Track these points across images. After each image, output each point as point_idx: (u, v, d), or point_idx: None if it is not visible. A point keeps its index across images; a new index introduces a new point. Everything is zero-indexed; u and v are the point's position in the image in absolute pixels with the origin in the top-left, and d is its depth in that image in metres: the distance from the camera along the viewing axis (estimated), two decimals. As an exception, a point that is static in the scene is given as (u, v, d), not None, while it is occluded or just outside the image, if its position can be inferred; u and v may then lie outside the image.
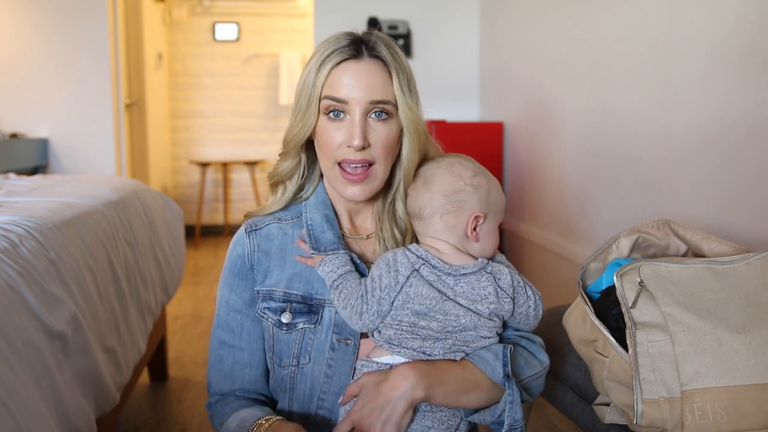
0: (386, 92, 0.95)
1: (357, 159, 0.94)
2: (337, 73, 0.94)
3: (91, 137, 3.76)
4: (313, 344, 0.98)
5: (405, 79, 0.97)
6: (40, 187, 1.92)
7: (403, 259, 0.92)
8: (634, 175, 2.14)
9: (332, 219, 1.03)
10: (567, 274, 2.64)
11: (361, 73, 0.94)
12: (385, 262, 0.92)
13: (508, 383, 0.91)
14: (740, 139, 1.62)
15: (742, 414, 0.92)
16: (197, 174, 5.47)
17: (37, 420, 0.97)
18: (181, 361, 2.64)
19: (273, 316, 0.99)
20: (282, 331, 0.99)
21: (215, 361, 1.05)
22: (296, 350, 0.98)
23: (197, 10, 5.38)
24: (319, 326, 0.98)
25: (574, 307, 1.25)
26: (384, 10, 3.63)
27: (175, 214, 2.45)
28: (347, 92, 0.93)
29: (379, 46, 0.96)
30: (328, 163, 0.97)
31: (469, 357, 0.93)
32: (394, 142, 0.97)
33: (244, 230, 1.03)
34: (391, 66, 0.95)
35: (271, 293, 1.00)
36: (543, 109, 2.91)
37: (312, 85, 0.95)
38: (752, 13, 1.58)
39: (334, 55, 0.94)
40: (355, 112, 0.93)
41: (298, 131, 0.98)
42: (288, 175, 1.05)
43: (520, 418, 0.90)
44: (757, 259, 1.05)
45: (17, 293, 1.08)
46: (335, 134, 0.95)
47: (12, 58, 3.66)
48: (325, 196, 1.05)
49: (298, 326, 0.98)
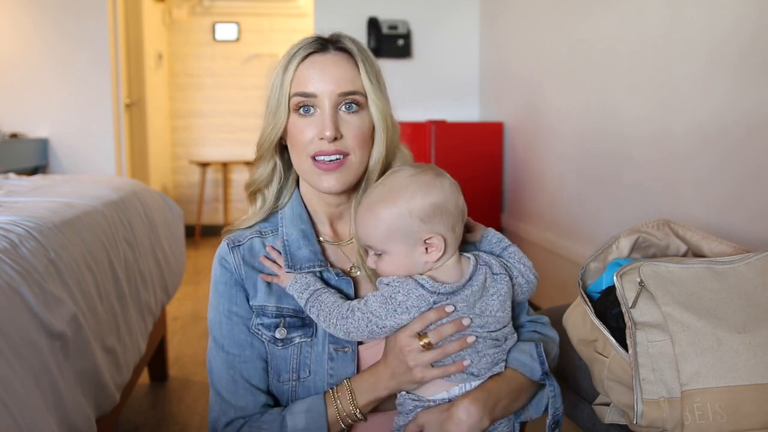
0: (354, 83, 0.95)
1: (330, 150, 0.93)
2: (303, 68, 0.95)
3: (91, 137, 3.76)
4: (312, 357, 0.97)
5: (372, 70, 0.97)
6: (40, 187, 1.92)
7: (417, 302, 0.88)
8: (634, 176, 2.14)
9: (309, 233, 1.01)
10: (567, 274, 2.64)
11: (328, 65, 0.94)
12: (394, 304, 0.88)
13: (548, 380, 0.95)
14: (740, 139, 1.62)
15: (742, 414, 0.92)
16: (197, 174, 5.47)
17: (36, 420, 0.97)
18: (181, 361, 2.64)
19: (267, 332, 0.97)
20: (278, 347, 0.97)
21: (228, 384, 0.97)
22: (294, 365, 0.97)
23: (197, 10, 5.38)
24: (315, 338, 0.97)
25: (574, 307, 1.25)
26: (384, 10, 3.63)
27: (175, 214, 2.45)
28: (315, 86, 0.94)
29: (344, 40, 0.97)
30: (302, 159, 0.96)
31: (507, 362, 0.95)
32: (367, 133, 0.97)
33: (227, 245, 1.00)
34: (357, 57, 0.96)
35: (263, 309, 0.98)
36: (543, 109, 2.91)
37: (280, 85, 0.96)
38: (752, 13, 1.58)
39: (300, 51, 0.95)
40: (325, 105, 0.94)
41: (269, 132, 0.98)
42: (265, 181, 1.03)
43: (560, 405, 0.96)
44: (757, 259, 1.05)
45: (17, 293, 1.08)
46: (307, 130, 0.95)
47: (12, 58, 3.66)
48: (301, 208, 1.03)
49: (294, 341, 0.97)
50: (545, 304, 2.90)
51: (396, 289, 0.88)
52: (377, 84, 0.97)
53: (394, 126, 1.00)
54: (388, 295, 0.89)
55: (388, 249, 0.90)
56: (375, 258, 0.92)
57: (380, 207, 0.89)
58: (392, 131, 0.99)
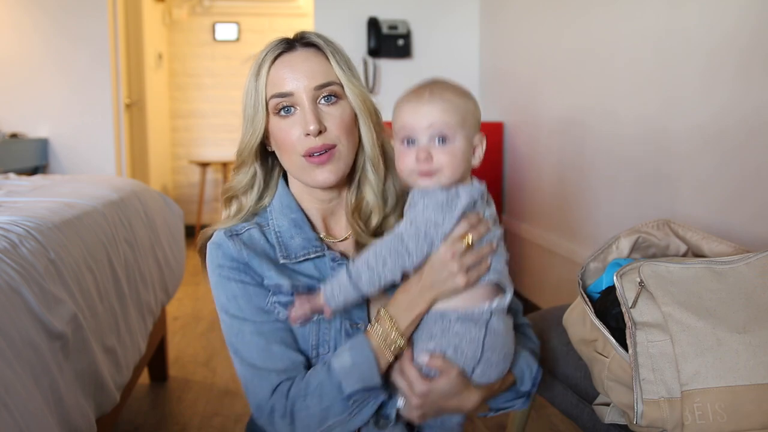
0: (328, 74, 0.96)
1: (318, 145, 0.94)
2: (275, 70, 0.95)
3: (91, 137, 3.76)
4: (331, 333, 0.97)
5: (342, 59, 0.98)
6: (40, 187, 1.92)
7: (466, 199, 0.90)
8: (634, 176, 2.14)
9: (300, 221, 1.01)
10: (567, 274, 2.64)
11: (298, 61, 0.95)
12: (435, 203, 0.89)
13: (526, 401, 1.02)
14: (740, 140, 1.62)
15: (742, 414, 0.92)
16: (197, 174, 5.47)
17: (37, 420, 0.97)
18: (181, 361, 2.64)
19: (284, 310, 0.96)
20: (296, 324, 0.96)
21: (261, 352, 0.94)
22: (314, 341, 0.97)
23: (197, 10, 5.38)
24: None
25: (574, 307, 1.25)
26: (384, 10, 3.63)
27: (175, 214, 2.45)
28: (290, 84, 0.94)
29: (310, 35, 0.98)
30: (293, 159, 0.97)
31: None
32: (349, 121, 0.97)
33: (224, 234, 0.99)
34: (325, 49, 0.97)
35: (279, 287, 0.96)
36: (543, 109, 2.91)
37: (254, 91, 0.96)
38: (752, 13, 1.58)
39: (268, 55, 0.96)
40: (303, 102, 0.94)
41: (249, 138, 0.98)
42: (244, 188, 1.03)
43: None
44: (757, 259, 1.05)
45: (17, 293, 1.08)
46: (291, 130, 0.95)
47: (12, 58, 3.66)
48: (289, 198, 1.03)
49: (313, 317, 0.96)
50: (545, 304, 2.90)
51: (443, 194, 0.89)
52: (350, 71, 0.98)
53: (375, 110, 1.02)
54: (440, 199, 0.89)
55: (457, 137, 0.89)
56: (434, 148, 0.88)
57: (456, 95, 0.90)
58: (375, 117, 1.01)
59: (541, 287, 2.96)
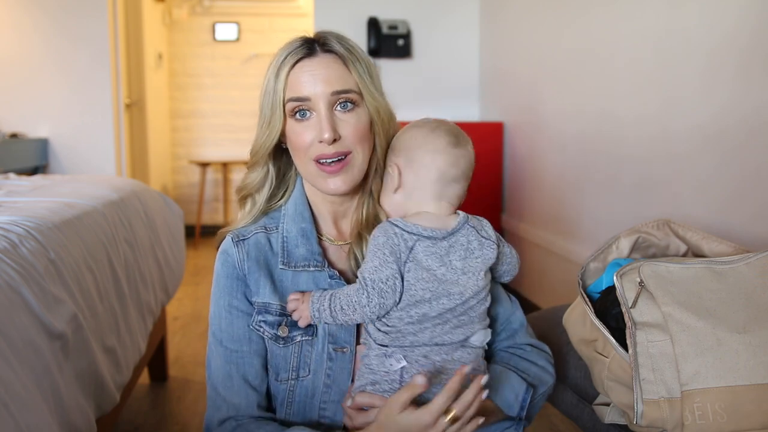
0: (346, 82, 0.95)
1: (331, 153, 0.94)
2: (295, 74, 0.95)
3: (91, 137, 3.75)
4: (312, 356, 0.97)
5: (363, 66, 0.97)
6: (40, 187, 1.92)
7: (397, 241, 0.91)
8: (634, 176, 2.14)
9: (309, 232, 1.01)
10: (567, 274, 2.64)
11: (318, 67, 0.95)
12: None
13: (517, 425, 0.98)
14: (740, 140, 1.62)
15: (742, 414, 0.93)
16: (197, 174, 5.47)
17: (37, 420, 0.97)
18: (181, 361, 2.64)
19: (269, 330, 0.97)
20: (279, 345, 0.97)
21: (224, 379, 0.98)
22: (294, 363, 0.97)
23: (197, 10, 5.38)
24: (316, 338, 0.97)
25: (574, 307, 1.25)
26: (384, 10, 3.63)
27: (175, 214, 2.45)
28: (308, 89, 0.94)
29: (331, 41, 0.97)
30: (305, 162, 0.97)
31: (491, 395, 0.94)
32: (365, 129, 0.97)
33: (231, 240, 1.00)
34: (345, 57, 0.96)
35: (266, 306, 0.98)
36: (543, 109, 2.91)
37: (273, 92, 0.96)
38: (752, 13, 1.58)
39: (288, 58, 0.96)
40: (320, 108, 0.94)
41: (264, 139, 0.98)
42: (257, 187, 1.04)
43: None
44: (757, 259, 1.05)
45: (17, 293, 1.08)
46: (305, 134, 0.95)
47: (12, 58, 3.66)
48: (304, 206, 1.03)
49: (296, 339, 0.97)
50: (545, 304, 2.90)
51: (374, 236, 0.92)
52: (370, 79, 0.97)
53: (392, 118, 1.01)
54: (371, 245, 0.91)
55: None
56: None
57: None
58: (387, 125, 1.00)
59: (541, 287, 2.96)
